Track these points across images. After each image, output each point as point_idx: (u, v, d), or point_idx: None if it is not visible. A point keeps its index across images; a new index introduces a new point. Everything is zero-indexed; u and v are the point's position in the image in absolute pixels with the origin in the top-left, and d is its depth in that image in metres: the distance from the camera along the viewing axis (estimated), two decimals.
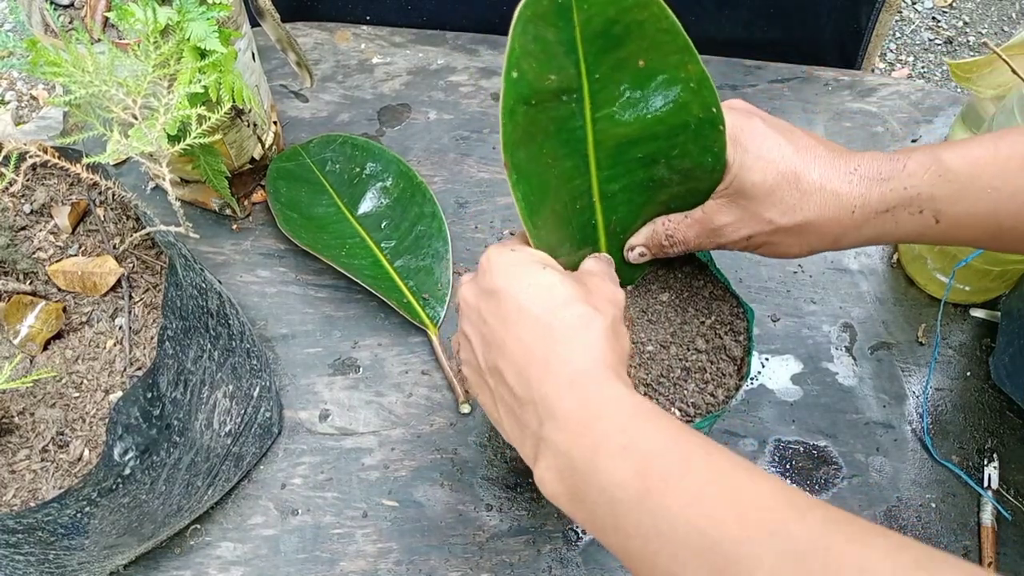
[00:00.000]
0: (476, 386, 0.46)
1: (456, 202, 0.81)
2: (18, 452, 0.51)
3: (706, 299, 0.57)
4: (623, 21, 0.44)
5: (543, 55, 0.44)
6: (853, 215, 0.46)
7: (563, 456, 0.38)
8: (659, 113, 0.48)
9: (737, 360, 0.55)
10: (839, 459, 0.68)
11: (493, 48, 0.92)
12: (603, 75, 0.46)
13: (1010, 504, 0.66)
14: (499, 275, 0.43)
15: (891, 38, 1.46)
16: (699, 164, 0.49)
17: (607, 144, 0.49)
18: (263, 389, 0.63)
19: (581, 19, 0.43)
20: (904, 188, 0.45)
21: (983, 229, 0.46)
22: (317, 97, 0.87)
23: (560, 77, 0.45)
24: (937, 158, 0.45)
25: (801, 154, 0.47)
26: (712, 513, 0.33)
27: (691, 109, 0.47)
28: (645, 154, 0.50)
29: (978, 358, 0.73)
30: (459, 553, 0.63)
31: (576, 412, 0.38)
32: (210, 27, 0.57)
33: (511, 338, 0.41)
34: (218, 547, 0.63)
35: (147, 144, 0.51)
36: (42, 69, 0.52)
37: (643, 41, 0.45)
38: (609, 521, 0.36)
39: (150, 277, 0.57)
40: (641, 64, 0.46)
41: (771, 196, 0.47)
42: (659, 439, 0.37)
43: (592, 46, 0.44)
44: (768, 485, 0.34)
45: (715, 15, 0.91)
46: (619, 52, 0.45)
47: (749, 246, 0.51)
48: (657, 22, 0.44)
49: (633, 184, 0.51)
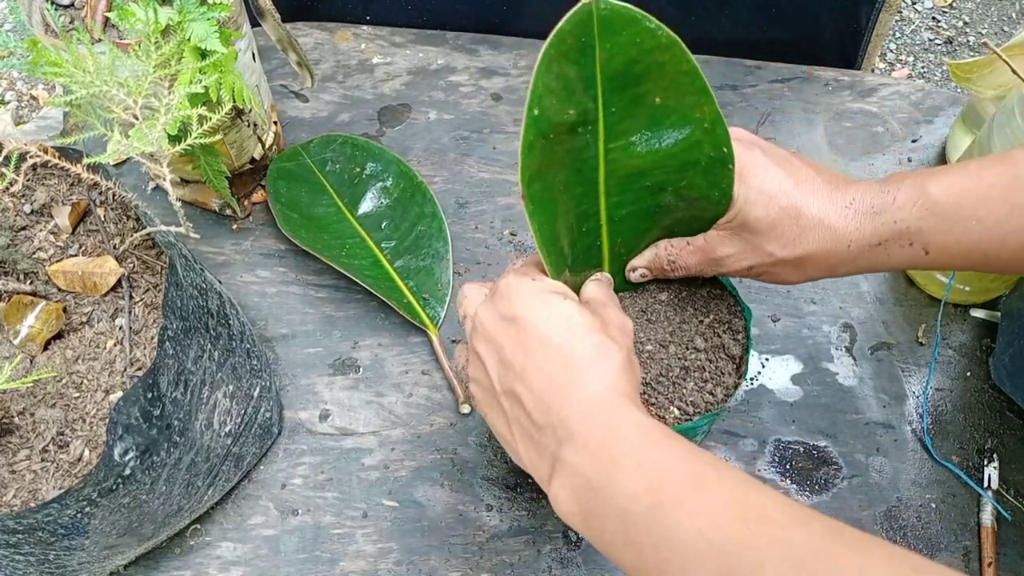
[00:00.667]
0: (486, 405, 0.47)
1: (456, 202, 0.81)
2: (18, 452, 0.51)
3: (704, 298, 0.57)
4: (644, 61, 0.45)
5: (564, 92, 0.45)
6: (849, 248, 0.48)
7: (579, 475, 0.40)
8: (671, 149, 0.49)
9: (736, 359, 0.55)
10: (839, 459, 0.68)
11: (493, 48, 0.92)
12: (620, 109, 0.47)
13: (1010, 504, 0.66)
14: (519, 303, 0.45)
15: (891, 38, 1.46)
16: (705, 196, 0.51)
17: (618, 173, 0.50)
18: (263, 389, 0.63)
19: (603, 57, 0.44)
20: (895, 222, 0.47)
21: (969, 257, 0.47)
22: (317, 97, 0.87)
23: (578, 112, 0.46)
24: (924, 190, 0.47)
25: (801, 188, 0.48)
26: (719, 523, 0.35)
27: (703, 148, 0.49)
28: (653, 183, 0.51)
29: (978, 358, 0.73)
30: (459, 553, 0.63)
31: (594, 435, 0.40)
32: (211, 27, 0.57)
33: (531, 365, 0.43)
34: (218, 547, 0.63)
35: (147, 144, 0.51)
36: (42, 69, 0.52)
37: (662, 81, 0.46)
38: (620, 535, 0.38)
39: (150, 277, 0.57)
40: (658, 101, 0.47)
41: (772, 231, 0.49)
42: (672, 458, 0.39)
43: (611, 82, 0.46)
44: (773, 500, 0.36)
45: (715, 15, 0.91)
46: (637, 89, 0.46)
47: (750, 275, 0.53)
48: (677, 64, 0.45)
49: (640, 210, 0.53)
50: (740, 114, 0.87)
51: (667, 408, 0.53)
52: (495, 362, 0.45)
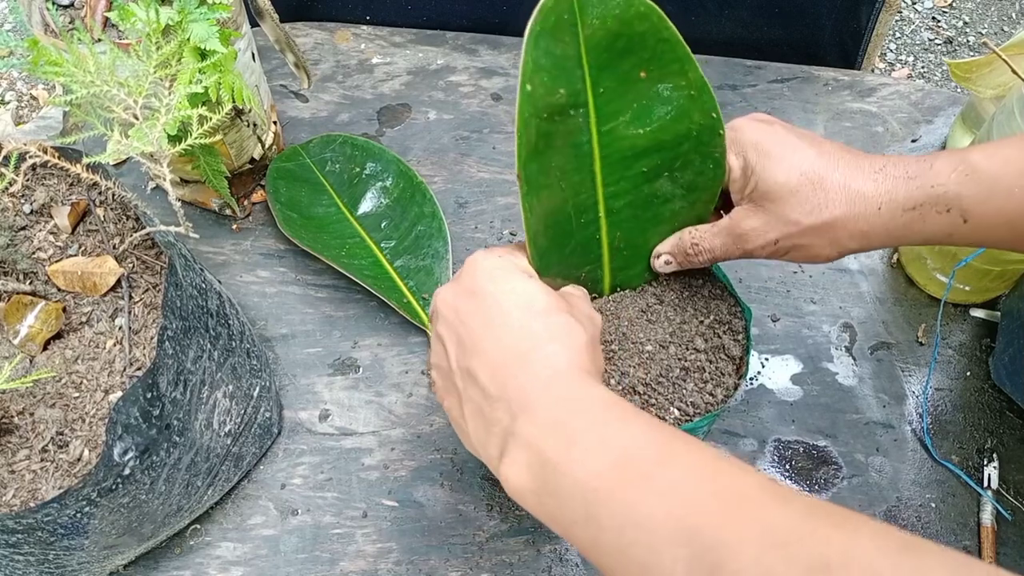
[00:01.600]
0: (442, 390, 0.45)
1: (456, 202, 0.81)
2: (18, 452, 0.51)
3: (705, 298, 0.57)
4: (625, 34, 0.45)
5: (554, 70, 0.45)
6: (880, 211, 0.46)
7: (533, 449, 0.37)
8: (662, 122, 0.49)
9: (736, 360, 0.55)
10: (839, 459, 0.68)
11: (493, 48, 0.92)
12: (608, 89, 0.47)
13: (1010, 504, 0.66)
14: (481, 277, 0.43)
15: (891, 38, 1.46)
16: (701, 173, 0.50)
17: (612, 158, 0.50)
18: (263, 389, 0.63)
19: (585, 33, 0.44)
20: (931, 186, 0.45)
21: (1011, 229, 0.45)
22: (317, 97, 0.87)
23: (569, 91, 0.46)
24: (965, 158, 0.45)
25: (824, 157, 0.47)
26: (692, 501, 0.32)
27: (692, 116, 0.48)
28: (649, 168, 0.51)
29: (978, 358, 0.73)
30: (459, 553, 0.63)
31: (552, 406, 0.38)
32: (211, 27, 0.57)
33: (490, 339, 0.41)
34: (218, 547, 0.63)
35: (147, 144, 0.51)
36: (43, 69, 0.52)
37: (644, 52, 0.46)
38: (580, 513, 0.35)
39: (150, 277, 0.57)
40: (643, 75, 0.47)
41: (795, 196, 0.47)
42: (638, 434, 0.36)
43: (596, 60, 0.45)
44: (751, 476, 0.33)
45: (715, 15, 0.92)
46: (622, 65, 0.46)
47: (777, 251, 0.50)
48: (657, 32, 0.45)
49: (638, 200, 0.52)
50: (740, 114, 0.86)
51: (667, 409, 0.53)
52: (453, 342, 0.43)
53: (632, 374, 0.54)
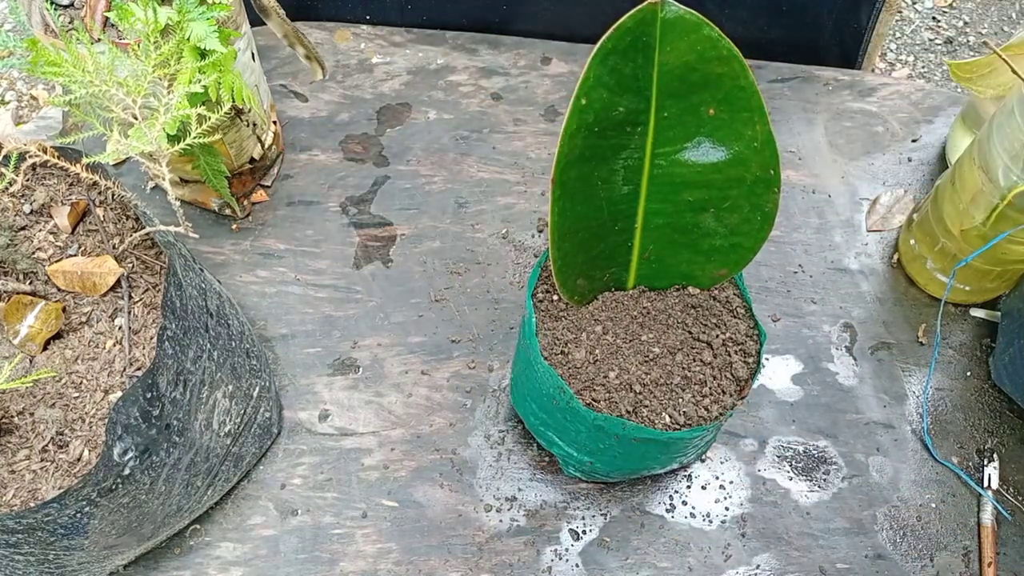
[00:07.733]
0: None
1: (456, 202, 0.80)
2: (18, 452, 0.51)
3: (726, 314, 0.57)
4: (702, 70, 0.45)
5: (617, 87, 0.45)
6: None
7: None
8: (718, 163, 0.49)
9: (741, 381, 0.55)
10: (839, 459, 0.68)
11: (493, 48, 0.92)
12: (671, 115, 0.47)
13: (1010, 504, 0.66)
14: None
15: (891, 38, 1.46)
16: (747, 221, 0.51)
17: (660, 180, 0.51)
18: (263, 389, 0.63)
19: (661, 59, 0.45)
20: None
21: None
22: (317, 97, 0.87)
23: (628, 109, 0.46)
24: None
25: None
26: None
27: (750, 166, 0.49)
28: (696, 199, 0.51)
29: (978, 358, 0.73)
30: (459, 553, 0.63)
31: None
32: (210, 27, 0.57)
33: None
34: (218, 547, 0.63)
35: (147, 144, 0.51)
36: (42, 69, 0.52)
37: (718, 92, 0.46)
38: None
39: (150, 277, 0.57)
40: (711, 113, 0.47)
41: None
42: None
43: (667, 86, 0.46)
44: None
45: (715, 15, 0.91)
46: (692, 97, 0.47)
47: None
48: (735, 78, 0.45)
49: (678, 224, 0.53)
50: None
51: (659, 413, 0.53)
52: None
53: (632, 371, 0.54)
